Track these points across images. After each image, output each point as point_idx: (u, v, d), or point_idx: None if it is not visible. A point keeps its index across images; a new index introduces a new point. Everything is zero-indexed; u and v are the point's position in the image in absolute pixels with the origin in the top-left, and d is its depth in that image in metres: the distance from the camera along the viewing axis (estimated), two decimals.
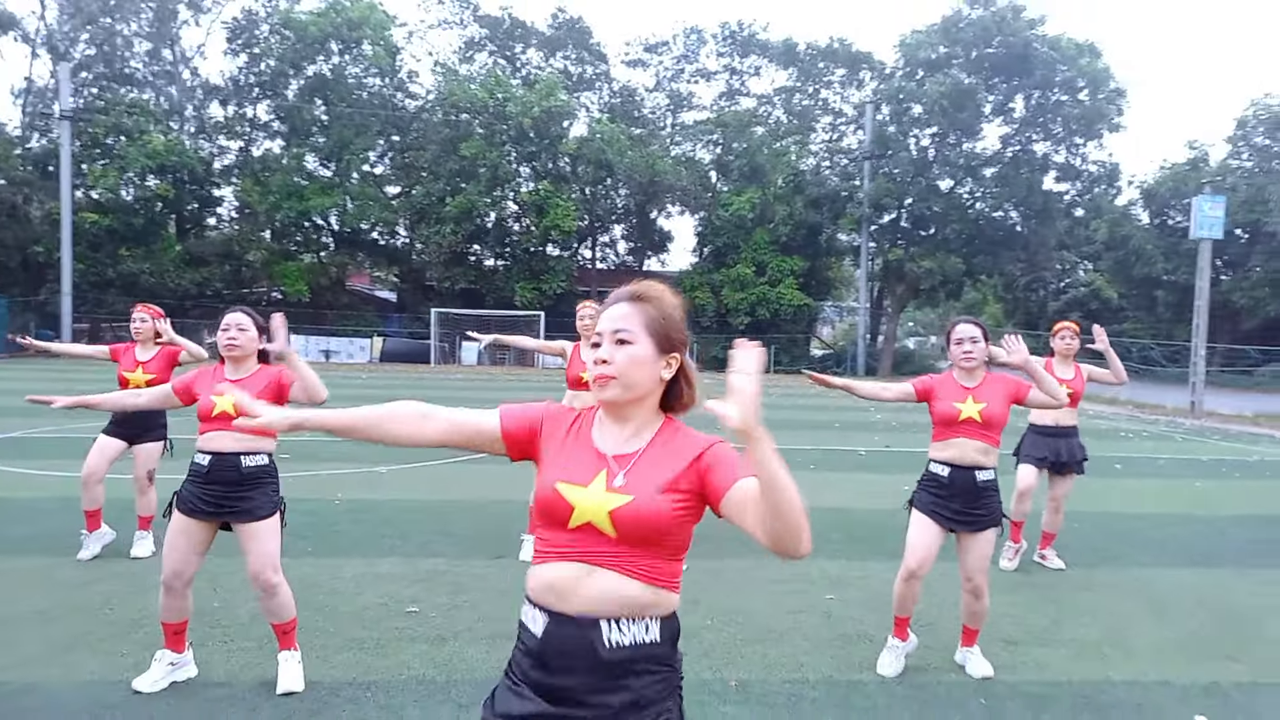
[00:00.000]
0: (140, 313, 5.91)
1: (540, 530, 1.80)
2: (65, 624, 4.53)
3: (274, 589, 3.73)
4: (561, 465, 1.78)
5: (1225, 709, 3.93)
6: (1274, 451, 14.80)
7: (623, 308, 1.80)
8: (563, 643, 1.69)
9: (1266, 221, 34.58)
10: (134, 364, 5.81)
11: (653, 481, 1.71)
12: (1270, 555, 7.03)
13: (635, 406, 1.80)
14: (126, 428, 5.78)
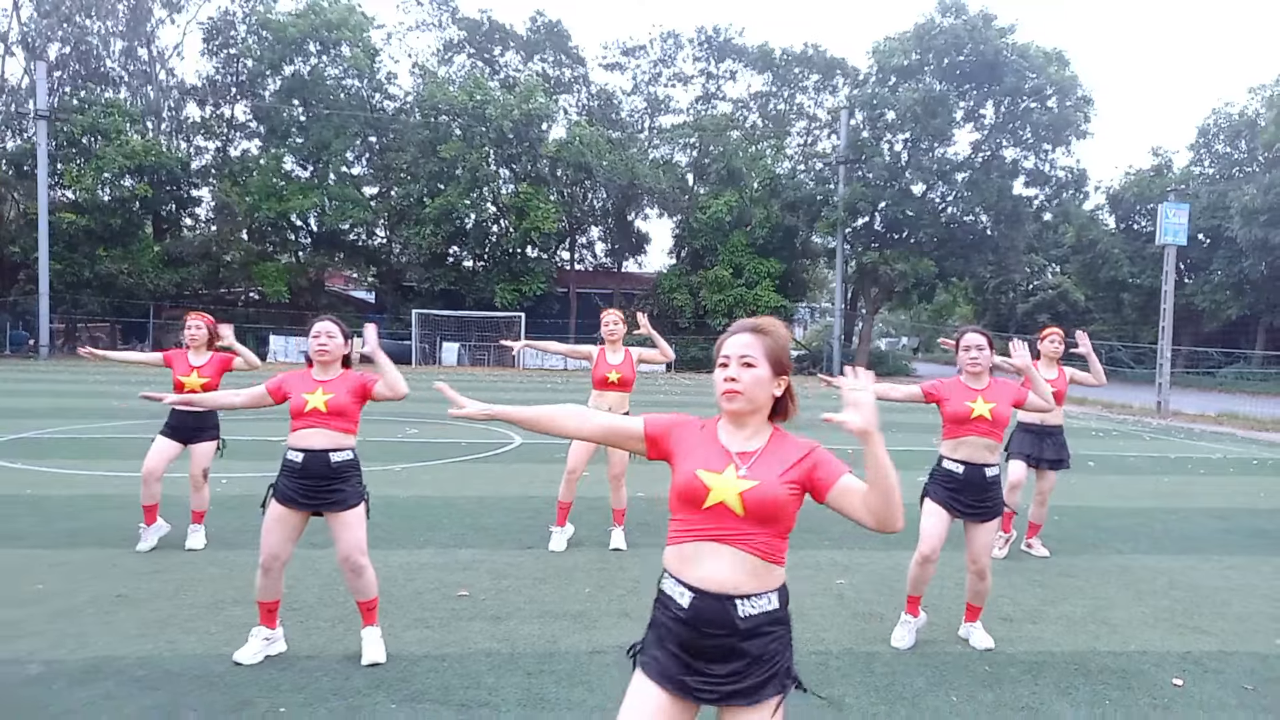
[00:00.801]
0: (195, 320, 6.28)
1: (677, 514, 2.25)
2: (150, 607, 4.91)
3: (361, 570, 4.16)
4: (698, 458, 2.23)
5: (1199, 673, 4.47)
6: (1236, 449, 15.56)
7: (747, 337, 2.24)
8: (707, 613, 2.14)
9: (1227, 227, 35.72)
10: (189, 369, 6.18)
11: (773, 471, 2.17)
12: (1234, 543, 7.63)
13: (753, 415, 2.25)
14: (182, 430, 6.15)
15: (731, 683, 2.13)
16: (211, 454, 6.28)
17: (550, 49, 42.17)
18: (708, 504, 2.16)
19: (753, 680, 2.13)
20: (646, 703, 2.16)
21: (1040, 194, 38.21)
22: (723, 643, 2.13)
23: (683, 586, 2.18)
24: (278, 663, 4.15)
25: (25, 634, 4.43)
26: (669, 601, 2.22)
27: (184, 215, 40.86)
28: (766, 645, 2.15)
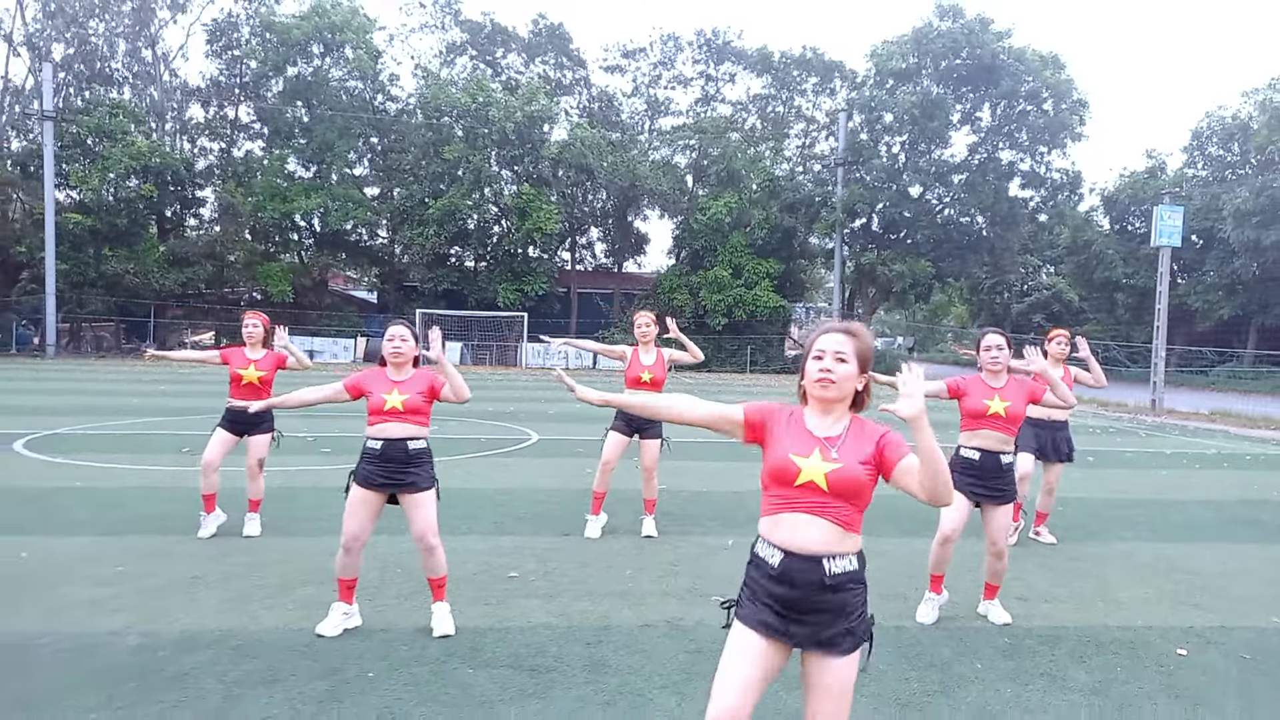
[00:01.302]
0: (252, 319, 6.64)
1: (771, 489, 2.61)
2: (226, 587, 5.26)
3: (434, 549, 4.53)
4: (789, 443, 2.60)
5: (1201, 644, 4.85)
6: (1229, 445, 15.99)
7: (840, 337, 2.60)
8: (797, 572, 2.51)
9: (1220, 228, 36.22)
10: (246, 362, 6.54)
11: (854, 454, 2.54)
12: (1230, 532, 8.03)
13: (838, 404, 2.62)
14: (240, 423, 6.50)
15: (819, 631, 2.50)
16: (267, 446, 6.64)
17: (552, 51, 42.49)
18: (799, 482, 2.53)
19: (837, 630, 2.50)
20: (748, 647, 2.53)
21: (1035, 196, 38.67)
22: (812, 597, 2.50)
23: (775, 549, 2.55)
24: (356, 635, 4.52)
25: (118, 610, 4.79)
26: (762, 562, 2.59)
27: (188, 216, 41.09)
28: (848, 600, 2.52)
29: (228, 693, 3.78)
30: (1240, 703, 4.09)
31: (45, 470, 9.05)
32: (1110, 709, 3.97)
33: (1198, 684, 4.30)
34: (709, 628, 4.81)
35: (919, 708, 3.89)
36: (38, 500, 7.56)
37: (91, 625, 4.54)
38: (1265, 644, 4.92)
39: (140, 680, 3.89)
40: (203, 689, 3.82)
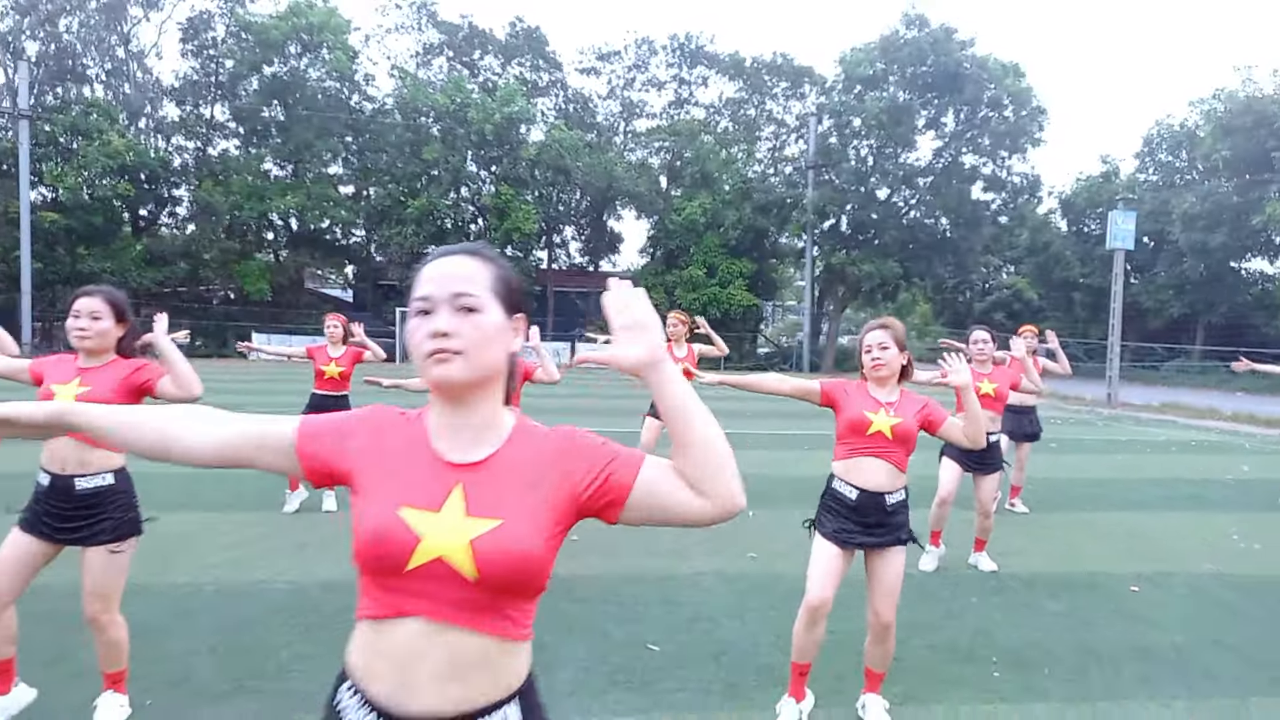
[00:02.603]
0: (333, 320, 7.52)
1: (847, 439, 3.58)
2: (335, 549, 6.16)
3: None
4: (860, 405, 3.58)
5: (1149, 585, 5.94)
6: (1178, 434, 17.33)
7: (880, 333, 3.59)
8: (866, 503, 3.51)
9: (1170, 231, 37.98)
10: (328, 359, 7.41)
11: (907, 414, 3.54)
12: (1175, 504, 9.20)
13: (891, 379, 3.60)
14: (322, 409, 7.34)
15: (878, 537, 3.51)
16: None
17: (529, 53, 43.22)
18: (870, 431, 3.53)
19: (890, 537, 3.51)
20: (829, 552, 3.52)
21: (997, 198, 40.19)
22: (876, 518, 3.50)
23: (850, 486, 3.55)
24: None
25: (254, 566, 5.67)
26: (840, 495, 3.58)
27: (163, 214, 41.25)
28: (899, 518, 3.53)
29: None
30: (1179, 622, 5.17)
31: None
32: (1078, 625, 5.03)
33: (1146, 610, 5.38)
34: (750, 576, 5.81)
35: (932, 629, 4.91)
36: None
37: (241, 577, 5.42)
38: (1198, 583, 6.03)
39: (310, 615, 4.80)
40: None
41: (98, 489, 3.31)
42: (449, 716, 1.35)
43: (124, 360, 3.44)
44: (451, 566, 1.34)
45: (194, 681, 3.90)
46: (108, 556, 3.33)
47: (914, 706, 3.86)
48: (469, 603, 1.35)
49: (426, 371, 1.39)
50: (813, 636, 3.55)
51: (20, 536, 3.31)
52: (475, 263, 1.44)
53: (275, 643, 4.40)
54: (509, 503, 1.38)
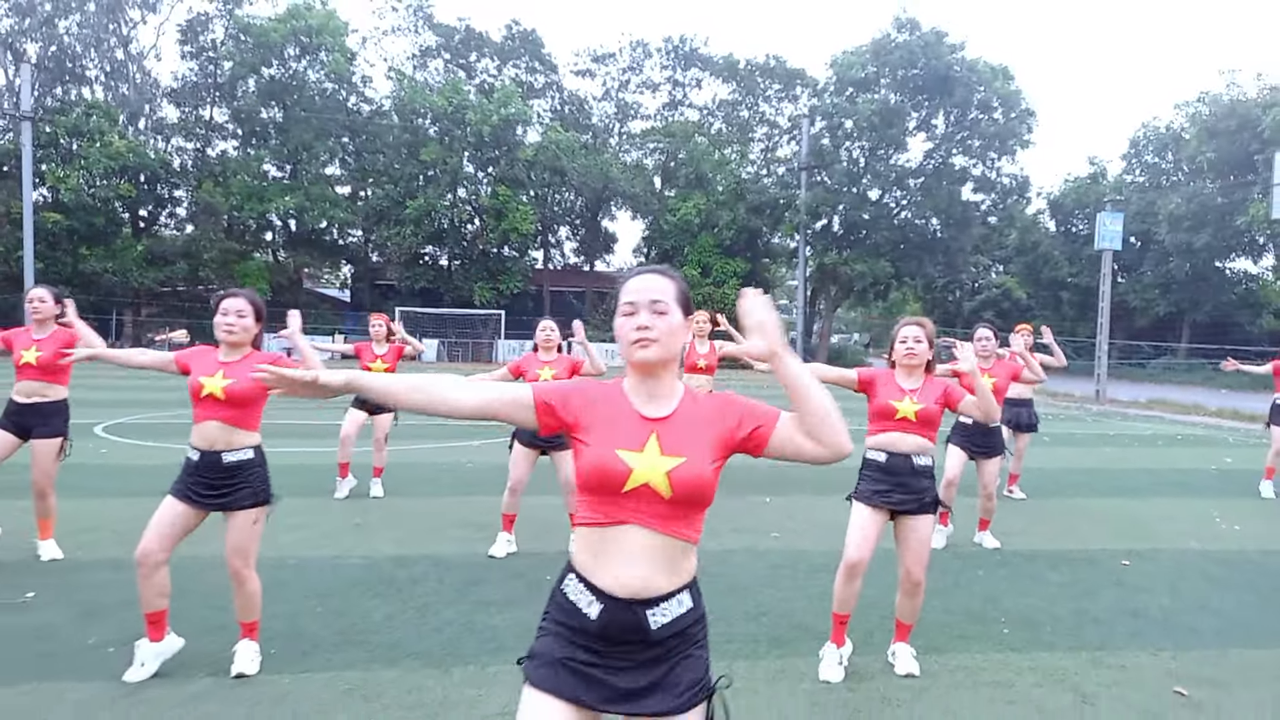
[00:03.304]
0: (377, 320, 8.04)
1: (879, 421, 4.13)
2: (392, 529, 6.68)
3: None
4: (888, 393, 4.13)
5: (1139, 559, 6.53)
6: (1164, 429, 17.99)
7: (916, 329, 4.14)
8: (899, 466, 4.05)
9: (1156, 232, 38.77)
10: (374, 355, 7.93)
11: (931, 398, 4.08)
12: (1162, 491, 9.80)
13: (919, 369, 4.15)
14: (370, 403, 7.88)
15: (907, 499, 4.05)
16: (390, 423, 8.04)
17: (525, 55, 43.69)
18: (897, 417, 4.08)
19: (918, 503, 4.05)
20: (867, 515, 4.07)
21: (987, 199, 40.88)
22: (908, 481, 4.05)
23: (880, 451, 4.10)
24: (523, 558, 5.99)
25: (323, 544, 6.19)
26: (872, 460, 4.13)
27: (162, 215, 41.54)
28: (925, 482, 4.08)
29: (448, 593, 5.25)
30: (1166, 589, 5.75)
31: (143, 452, 10.28)
32: (1077, 593, 5.61)
33: (1137, 580, 5.96)
34: (776, 552, 6.36)
35: (945, 595, 5.47)
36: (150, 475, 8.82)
37: (315, 553, 5.94)
38: (1183, 558, 6.62)
39: (386, 583, 5.33)
40: (429, 589, 5.27)
41: (240, 461, 3.85)
42: (646, 597, 1.90)
43: (258, 353, 3.99)
44: (654, 489, 1.89)
45: (306, 636, 4.42)
46: (247, 519, 3.86)
47: (935, 655, 4.41)
48: (664, 514, 1.90)
49: (631, 354, 1.94)
50: (851, 589, 4.10)
51: (172, 503, 3.83)
52: (664, 279, 1.99)
53: (364, 606, 4.92)
54: (688, 444, 1.94)
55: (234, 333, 3.89)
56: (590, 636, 1.92)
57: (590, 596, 1.93)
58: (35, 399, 5.53)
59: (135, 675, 3.82)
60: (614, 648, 1.91)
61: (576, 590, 1.95)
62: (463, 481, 9.05)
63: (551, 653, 1.95)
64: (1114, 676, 4.23)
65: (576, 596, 1.95)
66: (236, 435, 3.85)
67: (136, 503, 7.29)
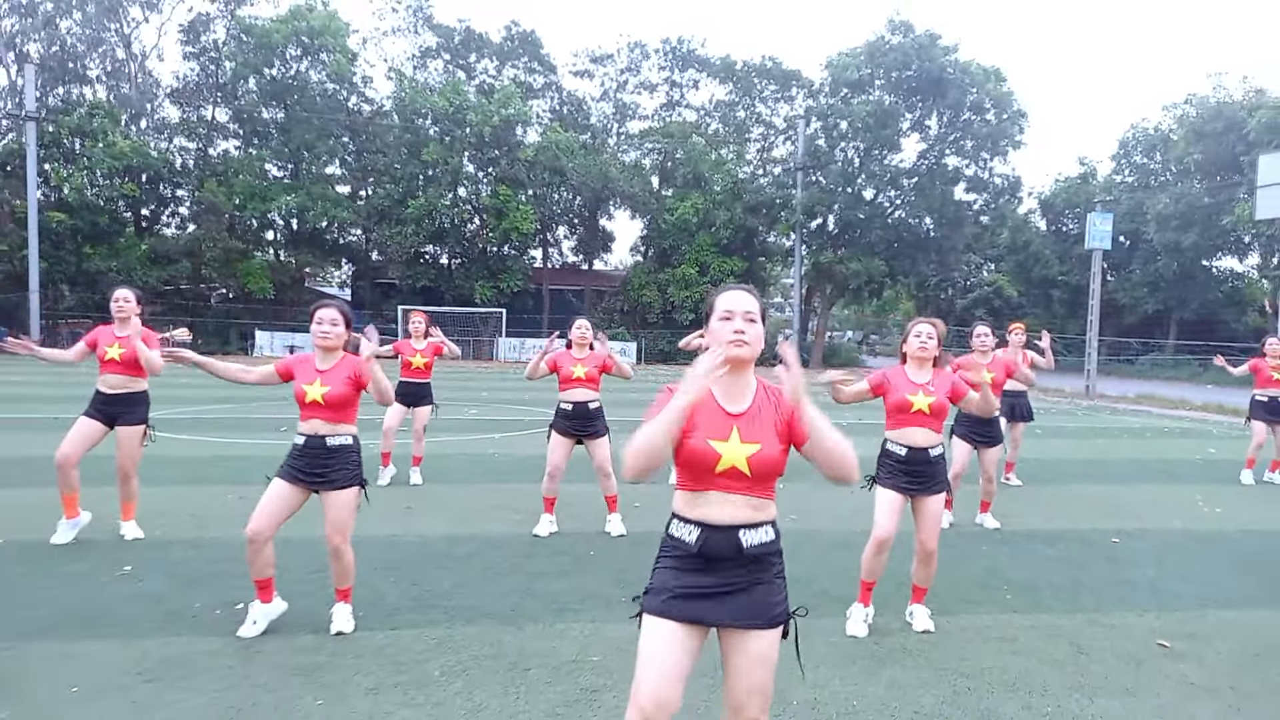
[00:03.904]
0: (417, 317, 8.54)
1: (895, 415, 4.67)
2: (444, 511, 7.22)
3: (609, 474, 6.56)
4: (903, 389, 4.68)
5: (1128, 537, 7.10)
6: (1152, 423, 18.63)
7: (929, 327, 4.69)
8: (914, 455, 4.60)
9: (1144, 231, 39.49)
10: (414, 351, 8.46)
11: (942, 392, 4.64)
12: (1149, 478, 10.39)
13: (928, 361, 4.70)
14: (410, 397, 8.41)
15: (924, 486, 4.61)
16: (428, 415, 8.56)
17: (524, 56, 44.11)
18: (912, 410, 4.63)
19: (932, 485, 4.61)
20: (889, 497, 4.61)
21: (979, 199, 41.51)
22: (921, 468, 4.60)
23: (900, 445, 4.65)
24: (564, 536, 6.54)
25: (378, 525, 6.70)
26: (893, 454, 4.68)
27: (165, 214, 41.87)
28: (939, 468, 4.65)
29: (503, 566, 5.79)
30: (1152, 562, 6.33)
31: (187, 445, 10.77)
32: (1071, 565, 6.18)
33: (1125, 555, 6.54)
34: (795, 533, 6.91)
35: (952, 567, 6.01)
36: (209, 465, 9.34)
37: (374, 532, 6.44)
38: (1168, 537, 7.21)
39: (445, 557, 5.86)
40: (485, 562, 5.81)
41: (341, 445, 4.39)
42: (737, 524, 2.45)
43: (350, 357, 4.50)
44: (739, 469, 2.44)
45: (387, 601, 4.96)
46: (345, 498, 4.40)
47: (947, 616, 4.97)
48: (747, 485, 2.46)
49: (729, 350, 2.44)
50: (879, 561, 4.65)
51: (280, 484, 4.37)
52: (752, 296, 2.54)
53: (432, 576, 5.46)
54: (762, 433, 2.48)
55: (328, 338, 4.42)
56: (694, 560, 2.45)
57: (690, 527, 2.46)
58: (120, 390, 6.03)
59: (249, 631, 4.36)
60: (714, 566, 2.44)
61: (678, 527, 2.49)
62: (494, 470, 9.56)
63: (664, 585, 2.48)
64: (1105, 633, 4.80)
65: (679, 531, 2.49)
66: (338, 427, 4.39)
67: (202, 490, 7.85)
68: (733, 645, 2.47)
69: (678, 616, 2.44)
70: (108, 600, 4.84)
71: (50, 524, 6.13)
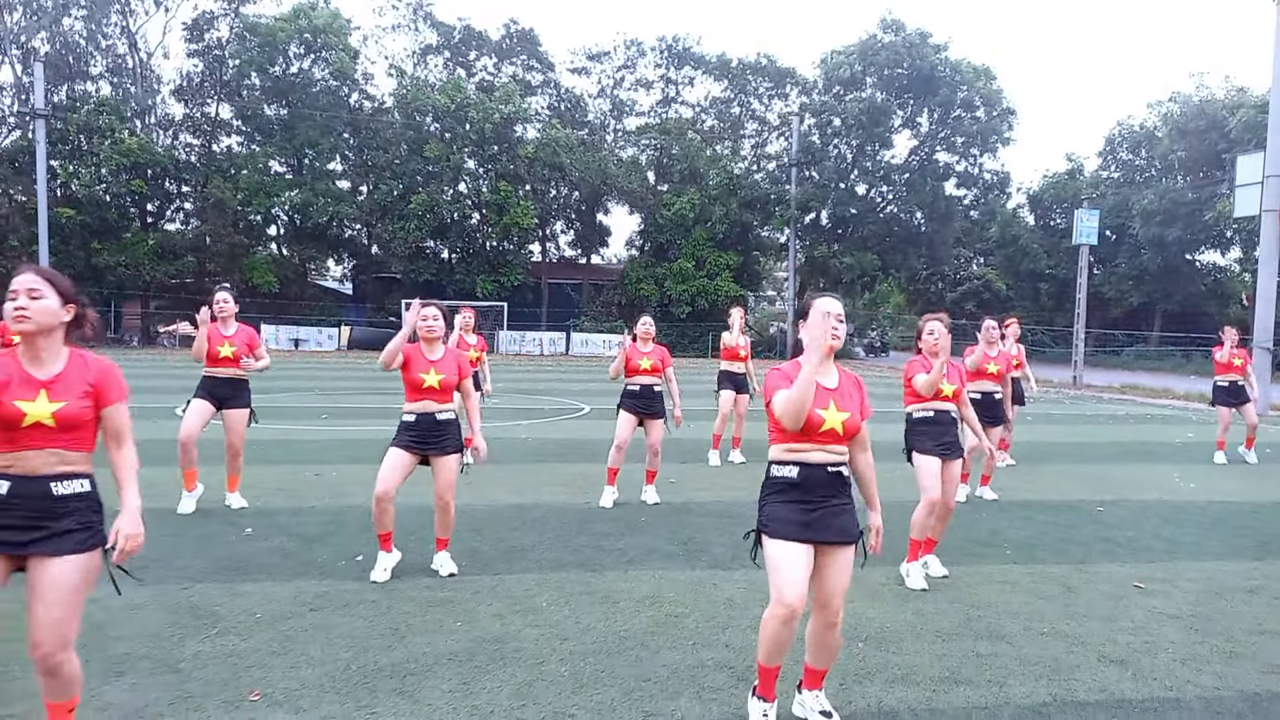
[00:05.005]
0: (465, 313, 9.35)
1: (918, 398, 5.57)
2: (502, 485, 8.07)
3: (658, 453, 7.42)
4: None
5: (1112, 506, 8.03)
6: (1135, 410, 19.63)
7: (938, 324, 5.56)
8: (942, 416, 5.49)
9: (1130, 226, 40.58)
10: (467, 345, 9.27)
11: (954, 378, 5.52)
12: (1130, 459, 11.34)
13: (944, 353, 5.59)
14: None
15: (951, 450, 5.49)
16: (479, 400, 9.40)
17: (522, 54, 44.82)
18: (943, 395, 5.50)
19: (957, 451, 5.49)
20: (931, 461, 5.49)
21: (969, 194, 42.59)
22: (945, 429, 5.48)
23: (928, 409, 5.52)
24: (619, 507, 7.42)
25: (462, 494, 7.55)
26: (926, 418, 5.55)
27: (170, 209, 42.45)
28: (956, 430, 5.52)
29: (571, 528, 6.67)
30: (1132, 526, 7.25)
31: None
32: (1062, 528, 7.10)
33: (1109, 519, 7.47)
34: None
35: (955, 530, 6.90)
36: (273, 448, 10.17)
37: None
38: (1146, 506, 8.15)
39: (514, 522, 6.73)
40: (554, 525, 6.68)
41: (448, 419, 5.27)
42: (828, 464, 3.31)
43: (452, 350, 5.43)
44: (837, 431, 3.31)
45: (481, 555, 5.83)
46: (452, 462, 5.28)
47: (956, 566, 5.85)
48: (838, 440, 3.33)
49: (826, 341, 3.29)
50: (930, 520, 5.51)
51: (397, 453, 5.24)
52: (840, 303, 3.40)
53: (512, 535, 6.34)
54: (850, 403, 3.37)
55: (433, 331, 5.31)
56: (796, 490, 3.31)
57: (790, 467, 3.33)
58: (227, 376, 6.89)
59: (379, 576, 5.22)
60: (813, 495, 3.30)
61: (779, 469, 3.35)
62: (533, 453, 10.43)
63: (778, 514, 3.34)
64: (1091, 578, 5.70)
65: (780, 471, 3.35)
66: (445, 405, 5.28)
67: (277, 468, 8.71)
68: (827, 557, 3.32)
69: (796, 538, 3.29)
70: (246, 554, 5.69)
71: (167, 497, 6.95)
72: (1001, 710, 3.66)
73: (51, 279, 2.86)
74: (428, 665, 3.95)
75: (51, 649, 2.72)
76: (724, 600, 5.01)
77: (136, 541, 2.82)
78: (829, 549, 3.32)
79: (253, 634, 4.28)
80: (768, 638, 3.24)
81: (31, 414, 2.74)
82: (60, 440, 2.78)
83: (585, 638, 4.35)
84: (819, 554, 3.32)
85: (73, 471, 2.81)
